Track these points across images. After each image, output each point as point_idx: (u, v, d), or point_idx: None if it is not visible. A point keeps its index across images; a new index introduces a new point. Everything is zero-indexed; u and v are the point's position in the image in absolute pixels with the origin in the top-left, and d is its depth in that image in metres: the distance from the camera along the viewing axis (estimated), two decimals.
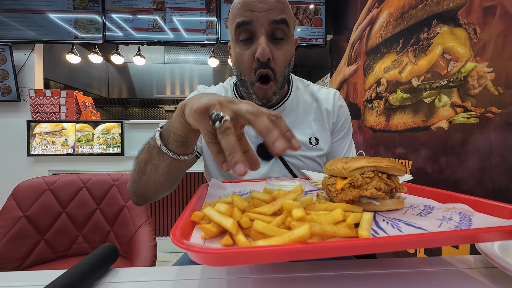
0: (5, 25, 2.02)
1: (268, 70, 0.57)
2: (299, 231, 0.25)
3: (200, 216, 0.32)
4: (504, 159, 0.73)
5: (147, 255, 0.92)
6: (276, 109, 0.67)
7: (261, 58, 0.55)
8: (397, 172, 0.39)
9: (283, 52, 0.58)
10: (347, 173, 0.39)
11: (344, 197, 0.37)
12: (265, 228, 0.27)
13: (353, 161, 0.40)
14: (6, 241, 0.97)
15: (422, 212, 0.36)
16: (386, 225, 0.32)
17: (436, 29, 1.01)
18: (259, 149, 0.66)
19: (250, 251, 0.24)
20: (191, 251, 0.24)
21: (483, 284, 0.32)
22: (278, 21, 0.54)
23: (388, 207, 0.37)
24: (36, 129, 2.01)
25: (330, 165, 0.43)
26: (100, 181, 1.14)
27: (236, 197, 0.36)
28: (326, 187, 0.42)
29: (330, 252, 0.25)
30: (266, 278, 0.34)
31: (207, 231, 0.29)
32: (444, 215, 0.34)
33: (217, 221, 0.30)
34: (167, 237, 2.17)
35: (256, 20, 0.54)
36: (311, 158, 0.67)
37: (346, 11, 1.94)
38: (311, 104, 0.70)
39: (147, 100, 4.78)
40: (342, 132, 0.72)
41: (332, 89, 0.73)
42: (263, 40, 0.54)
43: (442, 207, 0.37)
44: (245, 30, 0.55)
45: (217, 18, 2.14)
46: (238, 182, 0.58)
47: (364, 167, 0.38)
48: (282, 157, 0.66)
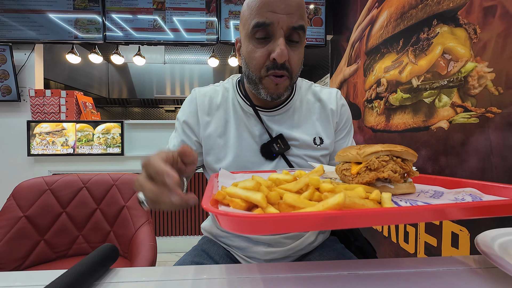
0: (5, 25, 2.02)
1: (284, 71, 0.57)
2: (334, 199, 0.26)
3: (223, 195, 0.32)
4: (504, 159, 0.73)
5: (147, 255, 0.92)
6: (282, 108, 0.67)
7: (279, 60, 0.55)
8: (410, 157, 0.40)
9: (298, 54, 0.59)
10: (362, 158, 0.39)
11: (361, 179, 0.38)
12: (296, 200, 0.27)
13: (367, 147, 0.41)
14: (6, 241, 0.97)
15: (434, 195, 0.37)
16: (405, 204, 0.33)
17: (436, 29, 1.01)
18: (263, 149, 0.65)
19: (291, 216, 0.24)
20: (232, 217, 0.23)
21: (483, 284, 0.32)
22: (296, 28, 0.55)
23: (402, 190, 0.38)
24: (36, 129, 2.01)
25: (343, 152, 0.44)
26: (100, 181, 1.14)
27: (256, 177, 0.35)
28: (341, 172, 0.43)
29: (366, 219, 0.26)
30: (266, 278, 0.34)
31: (236, 205, 0.29)
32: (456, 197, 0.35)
33: (245, 196, 0.29)
34: (167, 237, 2.17)
35: (277, 22, 0.53)
36: (316, 158, 0.67)
37: (346, 11, 1.94)
38: (314, 104, 0.70)
39: (147, 100, 4.77)
40: (344, 131, 0.73)
41: (333, 88, 0.74)
42: (281, 42, 0.54)
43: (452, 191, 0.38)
44: (263, 30, 0.55)
45: (217, 18, 2.14)
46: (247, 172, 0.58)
47: (379, 151, 0.39)
48: (286, 156, 0.66)
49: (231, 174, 0.53)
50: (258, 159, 0.65)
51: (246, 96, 0.67)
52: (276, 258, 0.65)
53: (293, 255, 0.67)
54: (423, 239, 1.05)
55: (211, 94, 0.69)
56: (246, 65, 0.61)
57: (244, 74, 0.64)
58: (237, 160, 0.65)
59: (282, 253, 0.65)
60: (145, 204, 0.43)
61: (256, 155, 0.65)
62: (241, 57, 0.64)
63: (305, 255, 0.69)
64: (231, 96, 0.69)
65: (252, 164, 0.65)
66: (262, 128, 0.66)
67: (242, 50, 0.62)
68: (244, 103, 0.67)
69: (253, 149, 0.66)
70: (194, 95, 0.69)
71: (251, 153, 0.65)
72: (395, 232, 1.26)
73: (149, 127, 2.15)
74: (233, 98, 0.69)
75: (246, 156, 0.65)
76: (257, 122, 0.66)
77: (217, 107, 0.68)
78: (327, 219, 0.24)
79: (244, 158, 0.65)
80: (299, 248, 0.66)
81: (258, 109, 0.66)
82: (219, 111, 0.67)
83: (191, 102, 0.68)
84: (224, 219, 0.24)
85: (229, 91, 0.70)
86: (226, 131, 0.66)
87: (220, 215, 0.24)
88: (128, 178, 1.16)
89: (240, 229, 0.24)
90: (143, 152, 2.11)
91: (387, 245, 1.31)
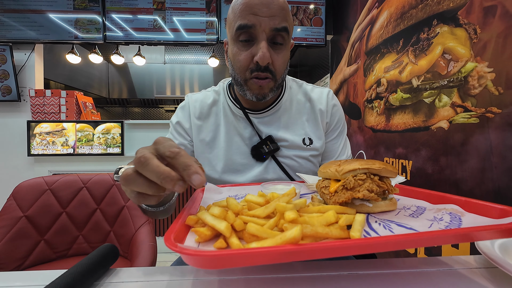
0: (5, 25, 2.02)
1: (267, 73, 0.58)
2: (291, 233, 0.25)
3: (194, 220, 0.33)
4: (504, 159, 0.73)
5: (147, 255, 0.92)
6: (271, 109, 0.68)
7: (261, 62, 0.55)
8: (388, 174, 0.40)
9: (282, 56, 0.59)
10: (340, 176, 0.39)
11: (337, 199, 0.38)
12: (258, 230, 0.27)
13: (346, 163, 0.40)
14: (6, 241, 0.97)
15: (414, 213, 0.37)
16: (378, 226, 0.33)
17: (436, 29, 1.01)
18: (253, 150, 0.66)
19: (243, 253, 0.24)
20: (184, 254, 0.24)
21: (484, 284, 0.32)
22: (279, 29, 0.55)
23: (381, 208, 0.38)
24: (36, 129, 2.01)
25: (324, 168, 0.44)
26: (100, 181, 1.14)
27: (230, 200, 0.36)
28: (320, 189, 0.43)
29: (321, 253, 0.25)
30: (266, 278, 0.34)
31: (201, 234, 0.29)
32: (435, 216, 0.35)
33: (211, 224, 0.30)
34: None
35: (259, 25, 0.54)
36: (305, 158, 0.67)
37: (346, 11, 1.94)
38: (304, 105, 0.71)
39: (147, 100, 4.78)
40: (336, 131, 0.73)
41: (325, 88, 0.74)
42: (264, 45, 0.55)
43: (434, 208, 0.38)
44: (246, 32, 0.56)
45: (217, 18, 2.14)
46: (234, 186, 0.59)
47: (356, 169, 0.39)
48: (276, 158, 0.67)
49: (218, 188, 0.53)
50: (248, 161, 0.66)
51: (236, 99, 0.68)
52: None
53: None
54: None
55: (202, 99, 0.71)
56: (232, 67, 0.62)
57: (231, 76, 0.65)
58: (228, 163, 0.66)
59: None
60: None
61: (246, 157, 0.66)
62: (228, 59, 0.64)
63: None
64: (222, 100, 0.70)
65: (243, 167, 0.66)
66: (252, 130, 0.67)
67: (228, 53, 0.63)
68: (234, 106, 0.68)
69: (243, 152, 0.67)
70: (187, 100, 0.71)
71: (241, 156, 0.66)
72: None
73: (149, 127, 2.15)
74: (223, 101, 0.70)
75: (237, 159, 0.66)
76: (247, 124, 0.67)
77: (208, 112, 0.69)
78: (283, 254, 0.24)
79: (235, 161, 0.66)
80: None
81: (247, 112, 0.67)
82: (210, 116, 0.69)
83: (183, 108, 0.71)
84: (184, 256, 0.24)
85: (220, 95, 0.71)
86: (217, 135, 0.68)
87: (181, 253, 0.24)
88: None
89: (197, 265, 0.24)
90: None
91: None
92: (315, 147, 0.68)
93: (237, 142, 0.67)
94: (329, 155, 0.73)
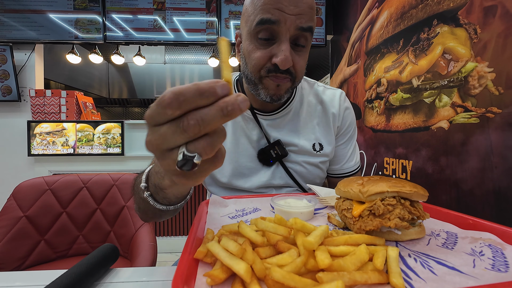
0: (5, 25, 2.02)
1: (287, 76, 0.53)
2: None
3: (203, 253, 0.29)
4: (505, 159, 0.73)
5: (147, 255, 0.92)
6: (281, 111, 0.64)
7: (282, 66, 0.50)
8: (420, 198, 0.35)
9: (303, 58, 0.55)
10: (365, 198, 0.35)
11: (364, 226, 0.34)
12: (284, 277, 0.23)
13: (371, 184, 0.36)
14: (6, 241, 0.97)
15: (446, 243, 0.33)
16: (415, 264, 0.29)
17: (436, 29, 1.01)
18: (260, 155, 0.63)
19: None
20: None
21: None
22: (305, 29, 0.50)
23: (410, 236, 0.34)
24: (37, 129, 2.01)
25: (344, 186, 0.39)
26: (100, 181, 1.14)
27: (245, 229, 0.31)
28: (341, 211, 0.39)
29: None
30: None
31: (215, 278, 0.25)
32: (473, 248, 0.31)
33: (226, 263, 0.25)
34: (167, 237, 2.17)
35: (284, 22, 0.48)
36: (315, 165, 0.65)
37: (346, 11, 1.94)
38: (316, 107, 0.67)
39: (148, 100, 4.78)
40: (346, 136, 0.69)
41: (337, 89, 0.70)
42: (286, 48, 0.49)
43: (467, 236, 0.34)
44: (268, 28, 0.50)
45: (217, 18, 2.14)
46: (240, 198, 0.54)
47: (384, 192, 0.34)
48: (284, 163, 0.64)
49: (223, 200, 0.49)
50: (255, 165, 0.64)
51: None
52: None
53: None
54: None
55: None
56: (245, 64, 0.57)
57: (242, 73, 0.60)
58: (235, 165, 0.63)
59: None
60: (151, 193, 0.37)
61: (253, 160, 0.64)
62: (240, 53, 0.60)
63: None
64: None
65: (249, 170, 0.64)
66: (260, 133, 0.64)
67: (242, 47, 0.58)
68: None
69: (250, 154, 0.64)
70: None
71: (248, 159, 0.64)
72: None
73: None
74: None
75: (243, 162, 0.63)
76: (255, 126, 0.64)
77: None
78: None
79: (241, 164, 0.63)
80: None
81: (256, 113, 0.64)
82: None
83: None
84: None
85: None
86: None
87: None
88: (128, 178, 1.16)
89: None
90: (143, 152, 2.11)
91: None
92: (325, 153, 0.65)
93: (244, 144, 0.64)
94: (337, 160, 0.69)
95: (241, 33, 0.59)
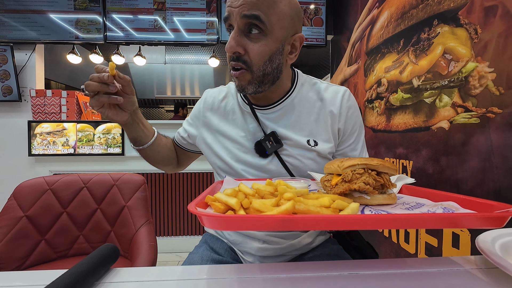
0: (6, 25, 2.02)
1: (238, 63, 0.58)
2: (284, 206, 0.32)
3: (212, 199, 0.38)
4: (505, 159, 0.73)
5: (147, 255, 0.93)
6: (277, 105, 0.66)
7: (228, 50, 0.57)
8: (386, 170, 0.43)
9: (260, 46, 0.57)
10: (341, 171, 0.43)
11: (336, 190, 0.42)
12: (261, 206, 0.33)
13: (348, 160, 0.44)
14: (7, 241, 0.97)
15: (410, 207, 0.39)
16: (370, 213, 0.36)
17: (437, 29, 1.01)
18: (256, 146, 0.65)
19: (245, 218, 0.31)
20: (202, 215, 0.30)
21: (484, 285, 0.32)
22: (248, 16, 0.54)
23: (378, 201, 0.41)
24: (37, 129, 2.02)
25: (328, 164, 0.49)
26: (100, 181, 1.15)
27: (242, 185, 0.42)
28: (323, 183, 0.48)
29: (309, 223, 0.31)
30: (266, 279, 0.34)
31: (216, 207, 0.36)
32: (429, 209, 0.36)
33: (224, 200, 0.36)
34: (167, 237, 2.17)
35: (232, 14, 0.56)
36: (310, 158, 0.65)
37: (346, 11, 1.94)
38: (315, 104, 0.67)
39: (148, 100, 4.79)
40: (353, 137, 0.68)
41: (342, 87, 0.68)
42: (232, 35, 0.57)
43: (432, 204, 0.40)
44: (229, 25, 0.59)
45: (217, 18, 2.14)
46: (250, 180, 0.61)
47: (355, 165, 0.43)
48: (279, 155, 0.65)
49: (235, 181, 0.56)
50: (252, 157, 0.66)
51: (245, 95, 0.69)
52: (270, 255, 0.65)
53: (288, 254, 0.67)
54: (423, 240, 1.05)
55: (216, 94, 0.75)
56: None
57: None
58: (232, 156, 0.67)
59: (276, 251, 0.65)
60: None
61: (250, 151, 0.66)
62: None
63: (302, 255, 0.69)
64: (233, 94, 0.72)
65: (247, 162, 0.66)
66: (257, 126, 0.67)
67: None
68: (242, 101, 0.69)
69: (247, 146, 0.67)
70: (205, 95, 0.77)
71: (245, 150, 0.67)
72: (395, 232, 1.26)
73: None
74: (233, 96, 0.72)
75: (241, 153, 0.67)
76: (252, 119, 0.67)
77: (218, 105, 0.72)
78: (278, 221, 0.30)
79: (239, 156, 0.67)
80: (294, 248, 0.66)
81: (254, 107, 0.67)
82: (219, 110, 0.72)
83: (200, 102, 0.77)
84: (201, 218, 0.30)
85: (232, 90, 0.74)
86: (224, 128, 0.69)
87: (199, 215, 0.30)
88: (129, 178, 1.16)
89: (214, 226, 0.31)
90: None
91: (388, 245, 1.31)
92: (319, 150, 0.65)
93: (242, 137, 0.67)
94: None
95: None
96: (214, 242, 0.72)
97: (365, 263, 0.38)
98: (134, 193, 1.13)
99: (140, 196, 1.13)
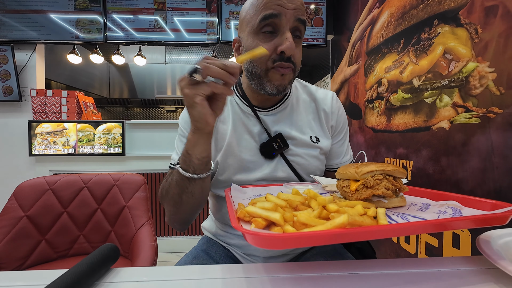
0: (6, 25, 2.02)
1: (290, 64, 0.58)
2: (339, 219, 0.31)
3: (244, 213, 0.37)
4: (506, 160, 0.73)
5: (148, 255, 0.93)
6: (279, 107, 0.68)
7: (288, 52, 0.56)
8: (400, 175, 0.46)
9: (300, 50, 0.61)
10: (359, 176, 0.45)
11: (359, 196, 0.44)
12: (307, 219, 0.33)
13: (363, 166, 0.46)
14: (7, 241, 0.97)
15: (421, 208, 0.43)
16: (397, 218, 0.39)
17: (437, 29, 1.00)
18: (262, 147, 0.65)
19: (301, 236, 0.29)
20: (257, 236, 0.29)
21: (485, 284, 0.32)
22: (302, 21, 0.58)
23: (394, 204, 0.44)
24: (38, 129, 2.02)
25: (343, 170, 0.50)
26: (101, 181, 1.15)
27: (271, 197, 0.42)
28: (341, 188, 0.49)
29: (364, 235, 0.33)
30: (266, 279, 0.34)
31: (258, 224, 0.34)
32: (440, 210, 0.40)
33: (265, 216, 0.34)
34: (167, 237, 2.17)
35: (285, 15, 0.56)
36: (314, 156, 0.68)
37: (347, 11, 1.94)
38: (310, 104, 0.71)
39: (148, 100, 4.78)
40: (341, 134, 0.74)
41: (329, 91, 0.74)
42: (290, 35, 0.56)
43: (437, 203, 0.44)
44: (271, 23, 0.57)
45: (218, 19, 2.14)
46: (256, 187, 0.61)
47: (374, 171, 0.45)
48: (285, 156, 0.66)
49: (242, 188, 0.56)
50: (257, 159, 0.66)
51: (243, 96, 0.68)
52: (275, 255, 0.66)
53: (291, 253, 0.68)
54: (424, 240, 1.05)
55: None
56: (250, 61, 0.61)
57: (246, 72, 0.64)
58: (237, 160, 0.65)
59: (281, 251, 0.66)
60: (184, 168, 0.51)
61: (255, 154, 0.66)
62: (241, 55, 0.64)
63: (302, 253, 0.70)
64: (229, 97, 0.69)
65: (253, 164, 0.65)
66: (261, 128, 0.67)
67: (243, 48, 0.63)
68: (242, 104, 0.68)
69: (252, 149, 0.66)
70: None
71: (251, 153, 0.66)
72: None
73: (150, 127, 2.15)
74: (231, 99, 0.69)
75: (246, 156, 0.65)
76: (256, 121, 0.67)
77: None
78: (335, 236, 0.30)
79: (245, 158, 0.65)
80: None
81: (256, 110, 0.67)
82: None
83: None
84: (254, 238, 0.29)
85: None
86: (226, 132, 0.67)
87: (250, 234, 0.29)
88: (129, 178, 1.16)
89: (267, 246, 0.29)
90: (143, 152, 2.12)
91: (388, 245, 1.31)
92: (321, 146, 0.68)
93: (246, 139, 0.67)
94: (336, 157, 0.74)
95: (241, 36, 0.64)
96: (210, 247, 0.70)
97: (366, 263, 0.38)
98: (135, 193, 1.13)
99: (140, 196, 1.13)
